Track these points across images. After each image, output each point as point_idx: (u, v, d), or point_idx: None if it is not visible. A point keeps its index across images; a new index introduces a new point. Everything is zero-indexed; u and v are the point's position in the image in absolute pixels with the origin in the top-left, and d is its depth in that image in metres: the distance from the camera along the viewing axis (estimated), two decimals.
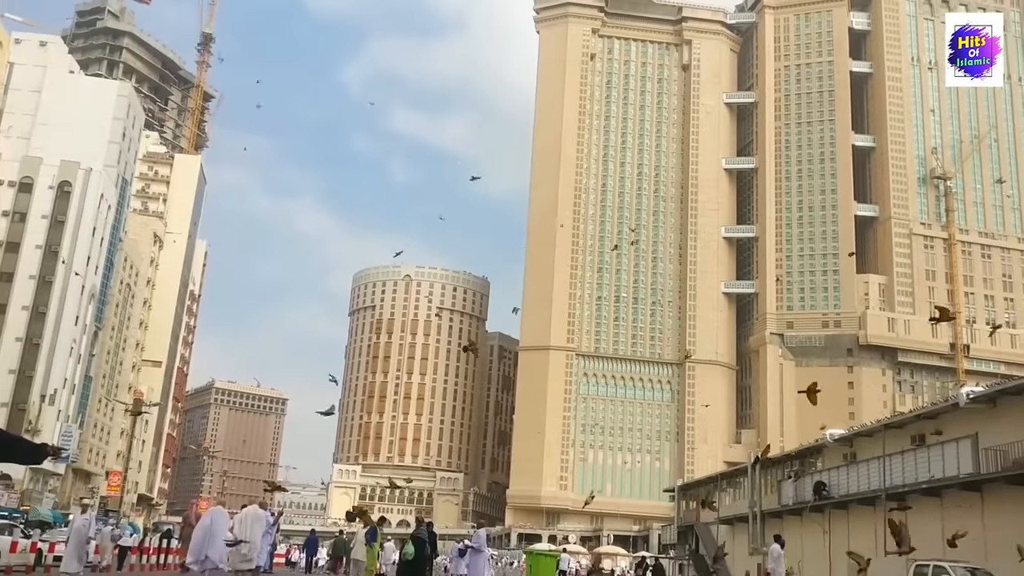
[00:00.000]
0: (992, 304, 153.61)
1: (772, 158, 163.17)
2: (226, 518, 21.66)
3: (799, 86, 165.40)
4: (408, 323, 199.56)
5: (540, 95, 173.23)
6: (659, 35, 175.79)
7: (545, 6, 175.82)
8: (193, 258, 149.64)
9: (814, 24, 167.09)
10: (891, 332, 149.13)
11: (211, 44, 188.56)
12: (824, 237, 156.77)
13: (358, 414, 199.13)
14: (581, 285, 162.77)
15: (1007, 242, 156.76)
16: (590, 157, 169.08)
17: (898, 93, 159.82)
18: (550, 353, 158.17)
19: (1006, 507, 34.68)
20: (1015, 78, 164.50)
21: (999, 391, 37.07)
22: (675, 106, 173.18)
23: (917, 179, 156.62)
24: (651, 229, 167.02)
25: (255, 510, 23.21)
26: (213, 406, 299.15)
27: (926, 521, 38.45)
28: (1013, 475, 34.24)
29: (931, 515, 38.67)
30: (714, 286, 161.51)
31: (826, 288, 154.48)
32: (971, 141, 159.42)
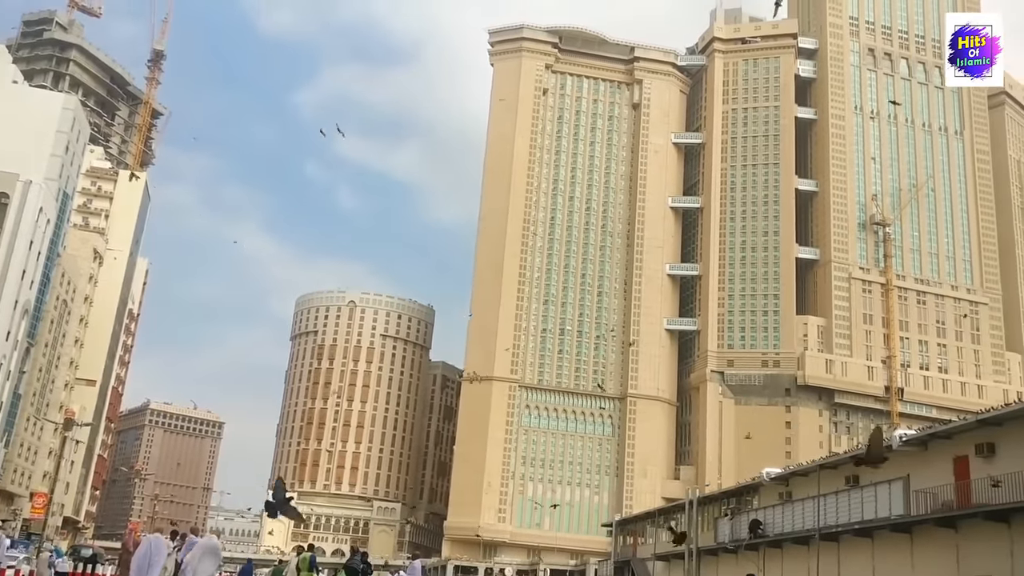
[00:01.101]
0: (926, 349, 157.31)
1: (717, 198, 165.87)
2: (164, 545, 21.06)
3: (745, 129, 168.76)
4: (351, 349, 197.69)
5: (492, 127, 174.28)
6: (611, 73, 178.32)
7: (500, 40, 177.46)
8: (133, 276, 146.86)
9: (762, 69, 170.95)
10: (828, 373, 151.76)
11: (162, 61, 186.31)
12: (766, 278, 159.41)
13: (296, 440, 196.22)
14: (527, 317, 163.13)
15: (941, 289, 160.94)
16: (540, 190, 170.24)
17: (841, 140, 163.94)
18: (493, 384, 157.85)
19: (935, 549, 35.33)
20: (951, 131, 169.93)
21: (930, 435, 37.89)
22: (624, 143, 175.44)
23: (857, 224, 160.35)
24: (597, 264, 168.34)
25: (208, 540, 22.32)
26: (147, 427, 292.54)
27: (857, 562, 38.95)
28: (942, 517, 34.93)
29: (862, 556, 39.21)
30: (657, 322, 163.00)
31: (766, 328, 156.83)
32: (910, 189, 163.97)
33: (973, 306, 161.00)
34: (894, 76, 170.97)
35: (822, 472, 44.11)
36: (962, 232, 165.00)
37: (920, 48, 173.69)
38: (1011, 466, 32.39)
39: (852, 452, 45.15)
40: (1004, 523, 32.18)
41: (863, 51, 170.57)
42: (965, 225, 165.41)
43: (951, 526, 34.62)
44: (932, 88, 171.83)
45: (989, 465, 33.97)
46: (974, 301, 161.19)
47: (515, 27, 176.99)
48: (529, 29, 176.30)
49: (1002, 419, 34.05)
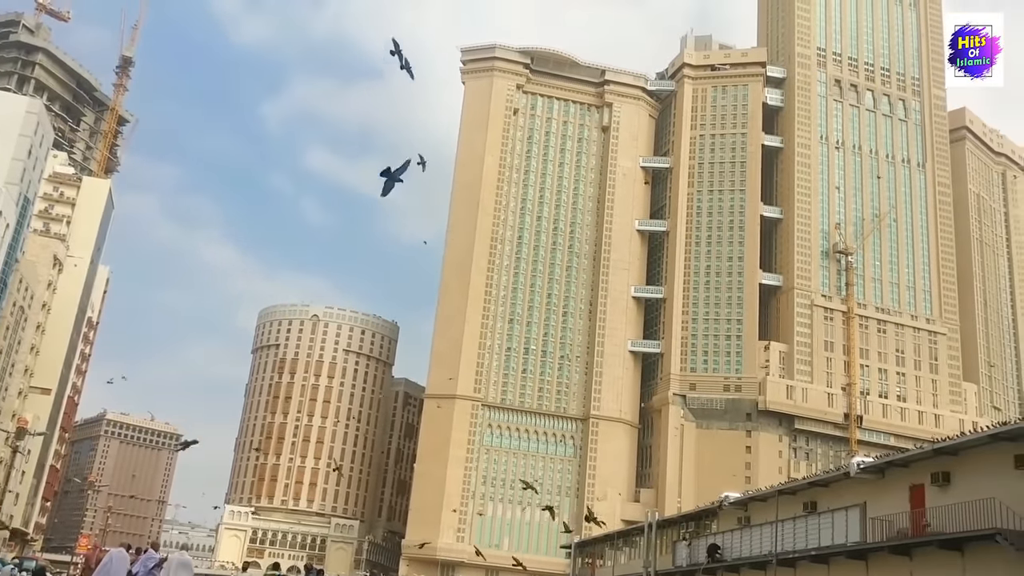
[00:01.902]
0: (885, 378, 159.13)
1: (683, 222, 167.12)
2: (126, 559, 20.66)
3: (713, 155, 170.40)
4: (312, 364, 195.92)
5: (462, 145, 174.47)
6: (581, 96, 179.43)
7: (472, 59, 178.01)
8: (94, 284, 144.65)
9: (730, 97, 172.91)
10: (789, 399, 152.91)
11: (130, 67, 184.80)
12: (729, 303, 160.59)
13: (254, 455, 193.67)
14: (491, 335, 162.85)
15: (901, 319, 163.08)
16: (508, 209, 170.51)
17: (806, 168, 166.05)
18: (456, 402, 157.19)
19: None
20: (914, 163, 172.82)
21: (887, 463, 38.19)
22: (593, 165, 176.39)
23: (820, 252, 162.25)
24: (563, 284, 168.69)
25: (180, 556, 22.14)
26: (103, 438, 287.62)
27: None
28: (897, 545, 35.15)
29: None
30: (621, 344, 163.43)
31: (729, 352, 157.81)
32: (872, 219, 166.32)
33: (932, 336, 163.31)
34: (859, 107, 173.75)
35: (780, 498, 44.29)
36: (922, 263, 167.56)
37: (885, 81, 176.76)
38: (966, 495, 32.70)
39: (810, 478, 45.39)
40: (958, 551, 32.45)
41: (830, 81, 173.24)
42: (925, 256, 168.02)
43: (906, 554, 34.85)
44: (896, 120, 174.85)
45: (945, 494, 34.27)
46: (933, 331, 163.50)
47: (487, 46, 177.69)
48: (501, 49, 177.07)
49: (957, 449, 34.41)
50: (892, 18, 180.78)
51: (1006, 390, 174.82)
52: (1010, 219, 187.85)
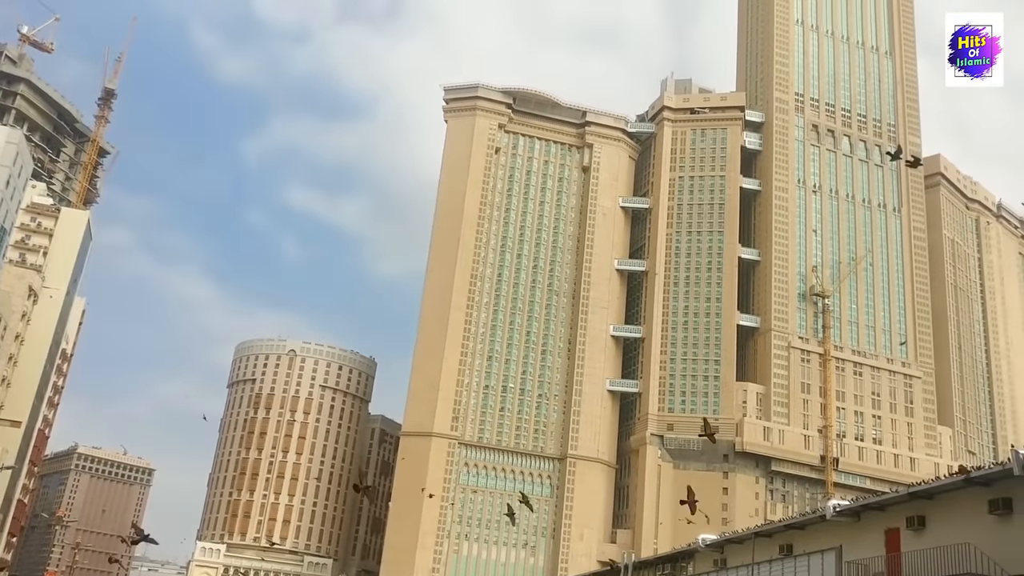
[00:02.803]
0: (861, 420, 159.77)
1: (662, 263, 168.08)
2: None
3: (691, 196, 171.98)
4: (288, 399, 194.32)
5: (443, 183, 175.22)
6: (563, 136, 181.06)
7: (455, 98, 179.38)
8: (69, 316, 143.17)
9: (709, 139, 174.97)
10: (766, 441, 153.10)
11: (112, 100, 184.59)
12: (707, 343, 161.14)
13: (227, 490, 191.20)
14: (469, 373, 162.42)
15: (877, 362, 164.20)
16: (488, 247, 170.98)
17: (784, 211, 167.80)
18: (432, 440, 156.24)
19: None
20: (890, 208, 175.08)
21: (863, 506, 38.27)
22: (573, 205, 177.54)
23: (798, 294, 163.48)
24: (543, 322, 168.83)
25: None
26: (73, 472, 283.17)
27: None
28: None
29: None
30: (599, 383, 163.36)
31: (706, 393, 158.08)
32: (849, 263, 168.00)
33: (907, 379, 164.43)
34: (836, 152, 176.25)
35: (757, 540, 44.21)
36: (898, 307, 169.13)
37: (862, 127, 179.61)
38: (941, 540, 32.79)
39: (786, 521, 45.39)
40: None
41: (807, 126, 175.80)
42: (901, 300, 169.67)
43: None
44: (872, 166, 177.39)
45: (920, 538, 34.35)
46: (908, 375, 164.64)
47: (470, 86, 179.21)
48: (484, 89, 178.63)
49: (932, 492, 34.56)
50: (868, 66, 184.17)
51: (980, 434, 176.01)
52: (984, 265, 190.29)
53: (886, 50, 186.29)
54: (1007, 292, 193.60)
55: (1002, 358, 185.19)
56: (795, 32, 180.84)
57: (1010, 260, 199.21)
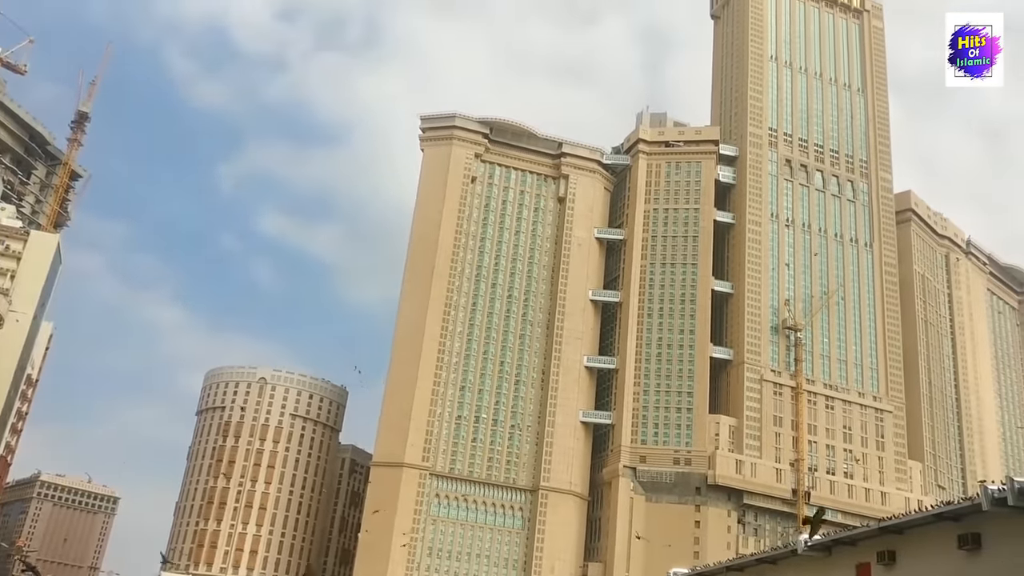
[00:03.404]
0: (832, 454, 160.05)
1: (636, 294, 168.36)
2: None
3: (666, 228, 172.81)
4: (258, 428, 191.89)
5: (419, 211, 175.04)
6: (539, 167, 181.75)
7: (431, 127, 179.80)
8: (36, 340, 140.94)
9: (684, 172, 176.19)
10: (738, 474, 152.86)
11: (86, 123, 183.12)
12: (680, 375, 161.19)
13: (194, 520, 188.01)
14: (442, 403, 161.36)
15: (849, 395, 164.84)
16: (463, 276, 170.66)
17: (757, 245, 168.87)
18: (403, 470, 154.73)
19: None
20: (862, 243, 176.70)
21: (834, 540, 37.97)
22: (548, 235, 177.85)
23: (770, 328, 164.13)
24: (516, 352, 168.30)
25: None
26: (35, 500, 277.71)
27: None
28: None
29: None
30: (573, 414, 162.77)
31: (679, 425, 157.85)
32: (821, 297, 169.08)
33: (878, 414, 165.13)
34: (809, 187, 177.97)
35: (728, 574, 43.77)
36: (869, 341, 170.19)
37: (835, 162, 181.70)
38: (911, 574, 32.51)
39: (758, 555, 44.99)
40: None
41: (781, 161, 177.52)
42: (872, 334, 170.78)
43: None
44: (844, 201, 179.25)
45: (890, 573, 34.06)
46: (879, 409, 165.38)
47: (447, 115, 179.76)
48: (461, 118, 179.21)
49: (903, 527, 34.33)
50: (841, 102, 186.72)
51: (950, 468, 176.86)
52: (953, 301, 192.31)
53: (858, 87, 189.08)
54: (976, 328, 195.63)
55: (971, 393, 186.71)
56: (769, 68, 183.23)
57: (979, 296, 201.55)
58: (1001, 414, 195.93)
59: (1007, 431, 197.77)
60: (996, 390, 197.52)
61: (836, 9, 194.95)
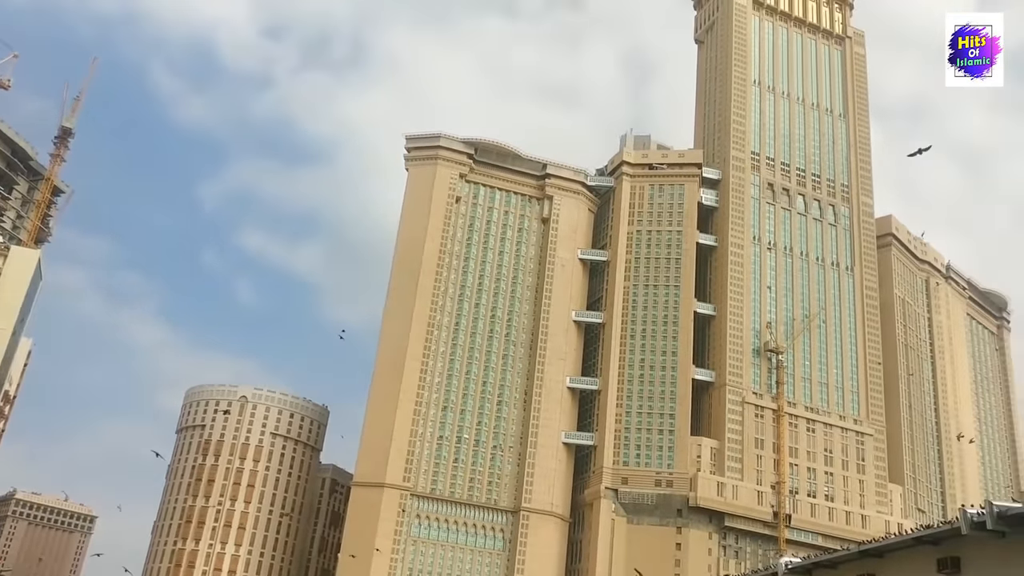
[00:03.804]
0: (813, 477, 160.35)
1: (619, 315, 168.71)
2: None
3: (649, 250, 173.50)
4: (239, 447, 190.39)
5: (403, 230, 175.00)
6: (523, 187, 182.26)
7: (417, 147, 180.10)
8: (15, 356, 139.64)
9: (667, 195, 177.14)
10: (719, 496, 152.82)
11: (69, 139, 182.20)
12: (663, 397, 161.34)
13: (172, 539, 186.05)
14: (424, 423, 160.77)
15: (830, 418, 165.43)
16: (446, 295, 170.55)
17: (739, 268, 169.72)
18: (384, 491, 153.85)
19: None
20: (843, 266, 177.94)
21: (814, 563, 38.10)
22: (532, 255, 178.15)
23: (752, 350, 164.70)
24: (499, 372, 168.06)
25: None
26: (10, 519, 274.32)
27: None
28: None
29: None
30: (555, 435, 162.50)
31: (661, 447, 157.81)
32: (802, 320, 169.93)
33: (859, 436, 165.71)
34: (791, 211, 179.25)
35: None
36: (850, 364, 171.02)
37: (816, 186, 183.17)
38: None
39: None
40: None
41: (763, 185, 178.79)
42: (853, 357, 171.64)
43: None
44: (826, 225, 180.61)
45: None
46: (860, 432, 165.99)
47: (432, 135, 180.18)
48: (446, 139, 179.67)
49: (883, 551, 34.49)
50: (823, 127, 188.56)
51: (930, 492, 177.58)
52: (933, 325, 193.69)
53: (840, 112, 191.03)
54: (956, 352, 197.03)
55: (951, 417, 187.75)
56: (752, 93, 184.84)
57: (958, 321, 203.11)
58: (980, 438, 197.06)
59: (986, 455, 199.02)
60: (975, 414, 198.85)
61: (819, 35, 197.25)
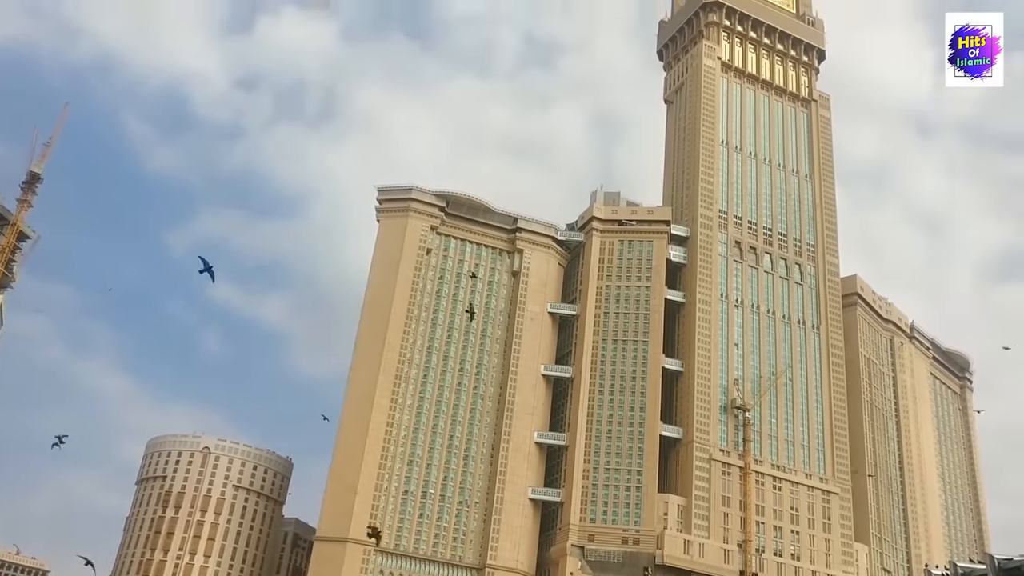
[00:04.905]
0: (780, 535, 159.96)
1: (588, 370, 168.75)
2: None
3: (618, 305, 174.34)
4: (200, 499, 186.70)
5: (373, 282, 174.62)
6: (494, 240, 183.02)
7: (388, 198, 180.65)
8: None
9: (636, 251, 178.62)
10: (686, 554, 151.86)
11: (37, 184, 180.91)
12: (630, 453, 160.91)
13: None
14: (389, 476, 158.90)
15: (796, 476, 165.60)
16: (415, 347, 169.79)
17: (707, 324, 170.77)
18: (347, 546, 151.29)
19: None
20: (809, 325, 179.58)
21: None
22: (502, 308, 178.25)
23: (720, 407, 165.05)
24: (466, 426, 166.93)
25: None
26: None
27: None
28: None
29: None
30: (521, 491, 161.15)
31: (628, 504, 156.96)
32: (769, 377, 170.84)
33: (825, 495, 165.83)
34: (758, 269, 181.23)
35: None
36: (816, 422, 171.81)
37: (783, 245, 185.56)
38: None
39: None
40: None
41: (731, 243, 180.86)
42: (819, 416, 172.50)
43: None
44: (792, 283, 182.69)
45: None
46: (826, 491, 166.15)
47: (404, 188, 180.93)
48: (418, 191, 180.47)
49: None
50: (789, 188, 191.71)
51: (895, 552, 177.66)
52: (898, 384, 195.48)
53: (806, 173, 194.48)
54: (920, 411, 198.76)
55: (915, 477, 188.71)
56: (720, 152, 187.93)
57: (922, 380, 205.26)
58: (945, 498, 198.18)
59: (950, 515, 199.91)
60: (940, 474, 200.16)
61: (785, 98, 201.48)
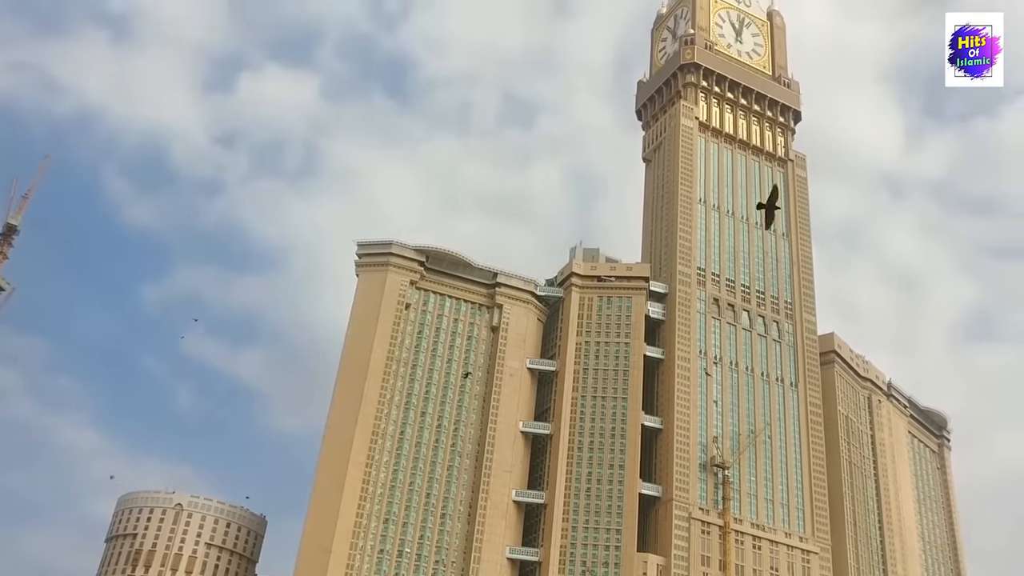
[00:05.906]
0: None
1: (567, 427, 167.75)
2: None
3: (597, 362, 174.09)
4: (171, 557, 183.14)
5: (350, 336, 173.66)
6: (473, 296, 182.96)
7: (368, 253, 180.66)
8: None
9: (615, 307, 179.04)
10: None
11: (14, 236, 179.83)
12: (609, 512, 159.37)
13: None
14: (365, 535, 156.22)
15: (775, 535, 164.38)
16: (392, 403, 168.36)
17: (685, 381, 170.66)
18: None
19: None
20: (787, 382, 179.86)
21: None
22: (481, 364, 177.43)
23: (699, 465, 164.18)
24: (443, 484, 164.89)
25: None
26: None
27: None
28: None
29: None
30: (499, 551, 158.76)
31: (607, 563, 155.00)
32: (748, 435, 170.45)
33: (805, 555, 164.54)
34: (736, 326, 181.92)
35: None
36: (796, 481, 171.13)
37: (760, 303, 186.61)
38: None
39: None
40: None
41: (709, 300, 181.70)
42: (799, 474, 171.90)
43: None
44: (770, 341, 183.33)
45: None
46: (806, 550, 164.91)
47: (384, 242, 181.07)
48: (398, 246, 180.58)
49: None
50: (767, 246, 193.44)
51: None
52: (876, 443, 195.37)
53: (783, 232, 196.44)
54: (899, 470, 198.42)
55: (895, 536, 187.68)
56: (698, 210, 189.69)
57: (900, 438, 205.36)
58: (924, 558, 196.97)
59: (930, 574, 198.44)
60: (919, 533, 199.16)
61: (762, 157, 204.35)
